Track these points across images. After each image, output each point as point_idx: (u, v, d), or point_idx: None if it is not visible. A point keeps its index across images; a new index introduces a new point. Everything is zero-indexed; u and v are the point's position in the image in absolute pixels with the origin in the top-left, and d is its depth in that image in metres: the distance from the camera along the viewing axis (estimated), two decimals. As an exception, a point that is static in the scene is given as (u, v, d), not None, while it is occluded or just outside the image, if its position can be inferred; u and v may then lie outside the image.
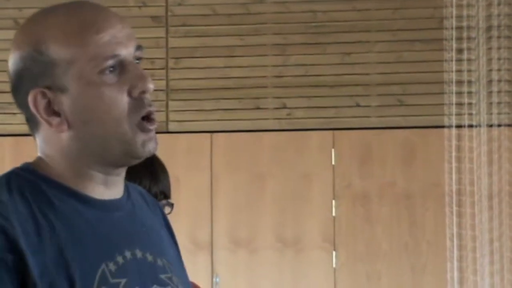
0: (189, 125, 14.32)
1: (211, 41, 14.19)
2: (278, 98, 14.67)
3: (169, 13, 14.53)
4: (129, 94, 2.75)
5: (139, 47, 2.87)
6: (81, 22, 2.74)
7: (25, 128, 6.37)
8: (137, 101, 2.76)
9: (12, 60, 2.83)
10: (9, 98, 11.94)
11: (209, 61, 14.15)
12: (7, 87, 10.30)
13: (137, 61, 2.86)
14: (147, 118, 2.80)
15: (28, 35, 2.79)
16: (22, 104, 2.88)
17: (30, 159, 2.99)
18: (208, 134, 14.35)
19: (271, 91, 14.58)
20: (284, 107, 14.57)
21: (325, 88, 14.52)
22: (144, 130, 2.78)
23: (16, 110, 9.79)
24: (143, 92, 2.78)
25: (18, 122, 14.21)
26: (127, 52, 2.78)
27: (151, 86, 2.81)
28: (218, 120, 14.55)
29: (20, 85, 2.82)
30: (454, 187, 14.10)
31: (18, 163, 3.13)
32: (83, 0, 2.74)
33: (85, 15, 2.77)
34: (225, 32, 14.39)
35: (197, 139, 14.13)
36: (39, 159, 2.91)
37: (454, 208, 14.03)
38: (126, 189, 3.06)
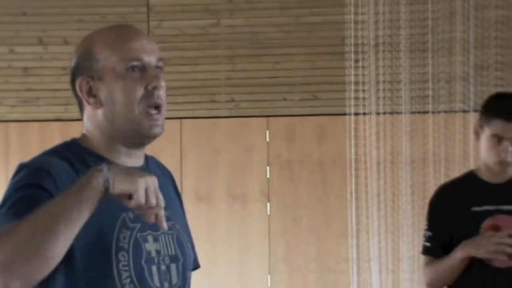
0: (166, 113, 15.67)
1: (180, 53, 15.63)
2: (229, 94, 16.19)
3: (151, 33, 15.69)
4: (145, 87, 3.17)
5: (160, 59, 3.27)
6: (118, 34, 3.18)
7: (49, 116, 8.83)
8: (148, 93, 3.17)
9: (72, 61, 3.26)
10: (36, 93, 14.08)
11: (179, 68, 15.50)
12: (34, 85, 12.29)
13: (158, 69, 3.26)
14: (155, 107, 3.24)
15: (83, 42, 3.22)
16: (74, 92, 3.26)
17: (53, 141, 3.35)
18: (178, 120, 15.79)
19: (224, 89, 16.14)
20: (233, 101, 16.14)
21: (262, 87, 16.06)
22: (148, 115, 3.19)
23: (41, 102, 11.87)
24: (155, 87, 3.19)
25: (43, 111, 15.77)
26: (149, 59, 3.17)
27: (162, 83, 3.22)
28: (186, 110, 15.97)
29: (74, 77, 3.21)
30: (352, 157, 15.65)
31: (45, 145, 3.62)
32: (124, 23, 3.33)
33: (122, 30, 3.24)
34: (190, 47, 15.98)
35: (171, 124, 15.72)
36: (83, 135, 3.25)
37: (353, 172, 15.65)
38: (146, 159, 3.54)
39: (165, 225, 2.87)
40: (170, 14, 16.36)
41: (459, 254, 5.46)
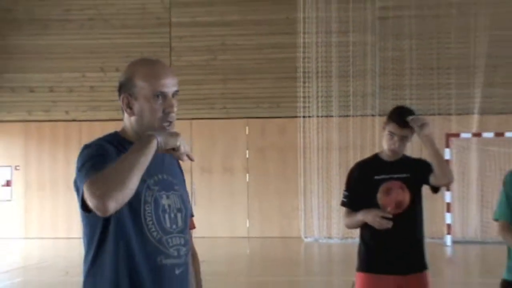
0: (181, 115, 15.52)
1: (191, 77, 18.09)
2: (222, 104, 18.68)
3: (172, 64, 17.97)
4: (163, 111, 3.37)
5: (177, 90, 3.41)
6: (151, 70, 3.38)
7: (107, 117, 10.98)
8: (165, 114, 3.37)
9: (121, 78, 3.42)
10: (98, 103, 17.23)
11: (190, 86, 17.79)
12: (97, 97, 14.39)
13: (174, 96, 3.40)
14: (168, 123, 3.38)
15: (128, 69, 3.41)
16: (120, 101, 3.42)
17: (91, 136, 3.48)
18: (189, 121, 17.74)
19: (219, 101, 18.80)
20: (224, 108, 18.79)
21: (244, 99, 18.67)
22: (163, 128, 3.35)
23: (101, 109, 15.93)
24: (170, 112, 3.38)
25: (104, 115, 17.60)
26: (168, 90, 3.37)
27: (174, 109, 3.38)
28: (194, 113, 18.25)
29: (119, 91, 3.41)
30: (301, 145, 18.35)
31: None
32: (156, 60, 3.42)
33: (155, 67, 3.41)
34: (197, 73, 18.49)
35: (184, 123, 17.28)
36: (122, 128, 3.49)
37: (302, 154, 18.41)
38: None
39: (193, 158, 3.32)
40: (185, 53, 18.87)
41: (359, 217, 5.71)
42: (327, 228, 18.39)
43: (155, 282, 3.32)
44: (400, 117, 5.71)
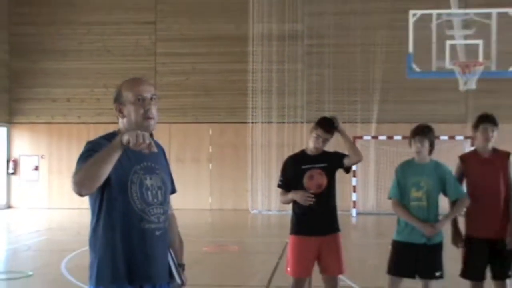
0: (162, 120, 16.65)
1: (171, 92, 17.85)
2: (192, 112, 18.38)
3: (157, 82, 17.65)
4: (144, 109, 3.26)
5: (154, 94, 3.30)
6: (132, 82, 3.31)
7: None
8: (145, 112, 3.26)
9: (114, 93, 3.34)
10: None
11: (170, 98, 17.56)
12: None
13: (152, 99, 3.28)
14: (149, 118, 3.24)
15: (118, 87, 3.34)
16: (115, 109, 3.34)
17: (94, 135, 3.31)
18: (168, 124, 17.60)
19: (191, 110, 18.42)
20: (194, 115, 18.45)
21: (208, 109, 18.38)
22: (146, 122, 3.24)
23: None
24: (148, 109, 3.26)
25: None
26: (146, 95, 3.27)
27: (153, 107, 3.28)
28: (173, 118, 18.03)
29: (114, 102, 3.31)
30: (251, 143, 18.27)
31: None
32: (138, 77, 3.37)
33: (134, 80, 3.34)
34: (175, 89, 18.22)
35: (164, 126, 17.16)
36: (119, 128, 3.37)
37: (250, 148, 18.33)
38: (152, 139, 3.22)
39: (154, 149, 3.04)
40: (166, 75, 18.69)
41: (290, 196, 5.60)
42: (268, 203, 18.35)
43: (141, 240, 3.26)
44: (326, 125, 5.71)
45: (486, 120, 5.73)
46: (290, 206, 5.86)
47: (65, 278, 8.46)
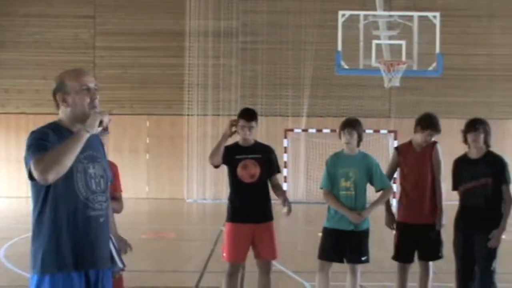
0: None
1: (109, 85, 17.28)
2: (130, 104, 18.11)
3: (96, 74, 15.40)
4: (90, 99, 3.23)
5: (96, 85, 3.28)
6: (77, 73, 3.28)
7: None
8: (91, 101, 3.23)
9: (55, 84, 3.28)
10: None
11: (108, 90, 16.93)
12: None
13: (95, 89, 3.25)
14: (94, 107, 3.21)
15: (59, 77, 3.28)
16: (55, 99, 3.30)
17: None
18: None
19: (128, 102, 18.16)
20: (132, 107, 18.04)
21: (146, 102, 18.16)
22: (91, 111, 3.20)
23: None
24: (94, 98, 3.23)
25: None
26: (91, 85, 3.25)
27: (97, 96, 3.26)
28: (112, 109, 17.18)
29: (56, 92, 3.27)
30: (187, 134, 18.11)
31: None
32: (78, 68, 3.38)
33: (78, 70, 3.32)
34: (114, 82, 17.78)
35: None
36: (59, 119, 3.30)
37: (187, 141, 18.11)
38: None
39: (105, 126, 3.13)
40: (104, 68, 18.26)
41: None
42: (203, 192, 18.33)
43: (86, 227, 3.23)
44: (246, 114, 5.73)
45: (433, 128, 5.87)
46: (225, 194, 5.94)
47: (3, 266, 8.16)
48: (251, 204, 5.68)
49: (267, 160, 5.73)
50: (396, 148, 6.13)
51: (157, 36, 18.40)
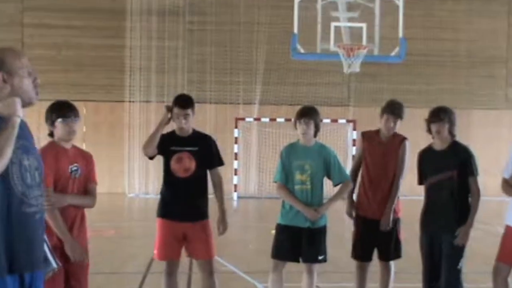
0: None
1: (42, 67, 15.69)
2: (67, 89, 17.82)
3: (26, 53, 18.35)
4: (33, 81, 3.25)
5: (32, 68, 3.29)
6: (18, 53, 3.26)
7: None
8: (35, 85, 3.26)
9: None
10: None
11: (41, 72, 18.29)
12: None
13: (34, 73, 3.24)
14: (36, 88, 3.23)
15: None
16: None
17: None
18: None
19: (64, 87, 17.88)
20: (69, 92, 17.35)
21: (82, 87, 18.03)
22: (34, 92, 3.22)
23: None
24: (37, 82, 3.25)
25: None
26: (31, 68, 3.26)
27: (38, 80, 3.27)
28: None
29: None
30: (128, 121, 18.10)
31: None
32: (14, 48, 3.30)
33: (18, 51, 3.31)
34: (49, 64, 17.45)
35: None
36: None
37: (128, 128, 18.13)
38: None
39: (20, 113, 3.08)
40: (34, 48, 17.91)
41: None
42: (145, 186, 18.38)
43: (21, 226, 3.16)
44: (180, 101, 5.67)
45: (389, 112, 5.98)
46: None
47: None
48: (183, 201, 5.65)
49: (206, 152, 5.72)
50: (362, 134, 6.19)
51: (94, 14, 18.23)
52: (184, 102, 5.65)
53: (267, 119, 18.21)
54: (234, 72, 18.55)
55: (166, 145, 5.64)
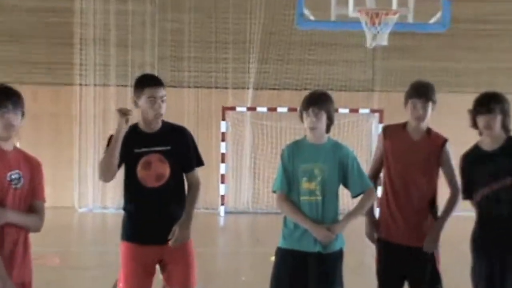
0: None
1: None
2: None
3: None
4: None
5: None
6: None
7: None
8: None
9: None
10: None
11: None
12: None
13: None
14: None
15: None
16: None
17: None
18: None
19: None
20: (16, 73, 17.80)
21: (16, 64, 18.29)
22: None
23: None
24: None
25: None
26: None
27: None
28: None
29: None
30: (78, 111, 18.25)
31: None
32: None
33: None
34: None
35: None
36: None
37: (78, 122, 18.34)
38: None
39: None
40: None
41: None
42: (102, 198, 18.49)
43: None
44: (152, 79, 5.86)
45: (415, 94, 5.94)
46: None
47: None
48: (157, 218, 5.74)
49: (182, 151, 5.83)
50: (384, 130, 6.21)
51: (31, -33, 18.12)
52: (155, 79, 5.80)
53: (264, 109, 18.26)
54: (221, 46, 18.67)
55: (128, 147, 5.69)
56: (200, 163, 5.91)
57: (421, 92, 5.92)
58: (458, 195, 5.90)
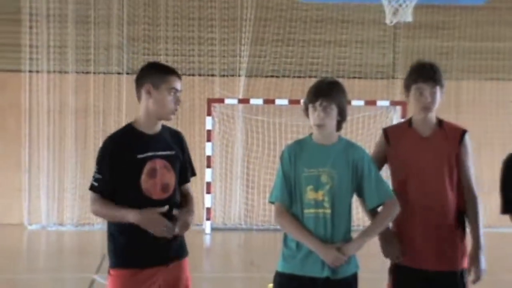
0: None
1: None
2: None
3: None
4: None
5: None
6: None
7: None
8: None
9: None
10: None
11: None
12: None
13: None
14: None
15: None
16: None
17: None
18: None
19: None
20: None
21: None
22: None
23: None
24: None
25: None
26: None
27: None
28: None
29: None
30: (27, 107, 18.34)
31: None
32: None
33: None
34: None
35: None
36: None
37: (27, 118, 18.19)
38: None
39: None
40: None
41: (130, 217, 5.69)
42: (58, 213, 18.52)
43: None
44: (167, 67, 5.97)
45: (420, 77, 5.97)
46: (101, 220, 6.01)
47: None
48: (161, 237, 5.80)
49: (182, 158, 5.96)
50: (385, 133, 6.22)
51: None
52: (171, 68, 5.94)
53: (259, 101, 18.25)
54: (205, 24, 18.79)
55: (129, 153, 5.83)
56: (193, 173, 6.07)
57: (428, 75, 5.96)
58: (478, 201, 5.91)
